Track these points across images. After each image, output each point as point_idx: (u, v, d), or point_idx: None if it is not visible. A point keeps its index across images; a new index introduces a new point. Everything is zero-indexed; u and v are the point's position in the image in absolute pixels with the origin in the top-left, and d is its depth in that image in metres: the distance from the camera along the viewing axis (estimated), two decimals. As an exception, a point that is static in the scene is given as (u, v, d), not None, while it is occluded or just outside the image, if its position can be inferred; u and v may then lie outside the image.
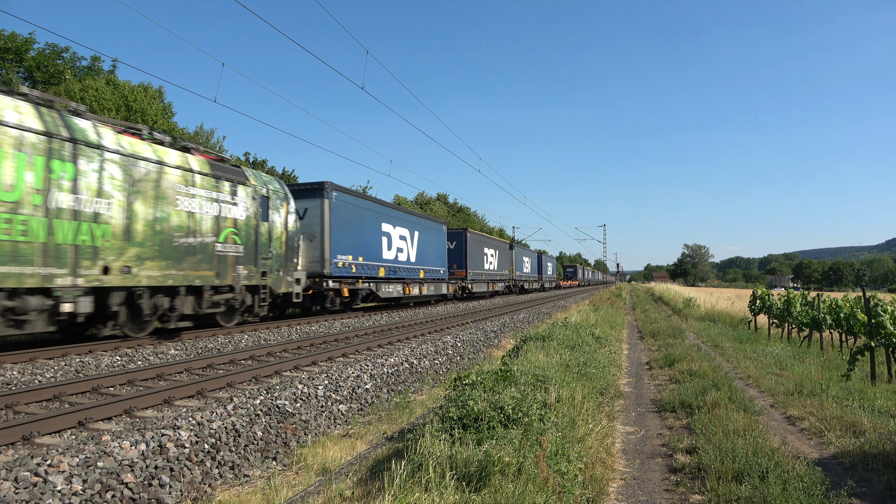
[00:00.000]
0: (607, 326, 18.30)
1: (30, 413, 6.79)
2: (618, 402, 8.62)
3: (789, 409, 8.12)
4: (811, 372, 10.44)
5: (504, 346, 15.56)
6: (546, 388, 6.87)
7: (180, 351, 11.69)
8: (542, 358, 9.18)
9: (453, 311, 24.02)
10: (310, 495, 4.88)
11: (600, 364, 9.80)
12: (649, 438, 6.89)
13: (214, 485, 5.53)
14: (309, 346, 12.64)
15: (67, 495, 4.50)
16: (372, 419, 7.97)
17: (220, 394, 7.96)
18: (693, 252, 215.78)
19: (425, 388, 10.23)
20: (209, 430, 5.97)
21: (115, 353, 10.78)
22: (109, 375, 8.51)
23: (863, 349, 10.09)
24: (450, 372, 11.36)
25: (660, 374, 11.07)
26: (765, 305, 19.65)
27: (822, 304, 15.05)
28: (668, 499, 5.01)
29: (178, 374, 9.33)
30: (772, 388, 9.40)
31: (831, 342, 15.50)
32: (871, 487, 5.21)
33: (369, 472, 5.33)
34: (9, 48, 22.89)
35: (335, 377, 8.72)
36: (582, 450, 5.33)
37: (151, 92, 26.41)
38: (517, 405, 5.45)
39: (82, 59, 26.05)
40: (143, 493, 4.90)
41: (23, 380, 8.54)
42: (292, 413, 7.13)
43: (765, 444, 5.68)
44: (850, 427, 6.86)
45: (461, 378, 6.30)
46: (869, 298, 11.17)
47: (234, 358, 10.58)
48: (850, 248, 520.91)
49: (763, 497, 4.47)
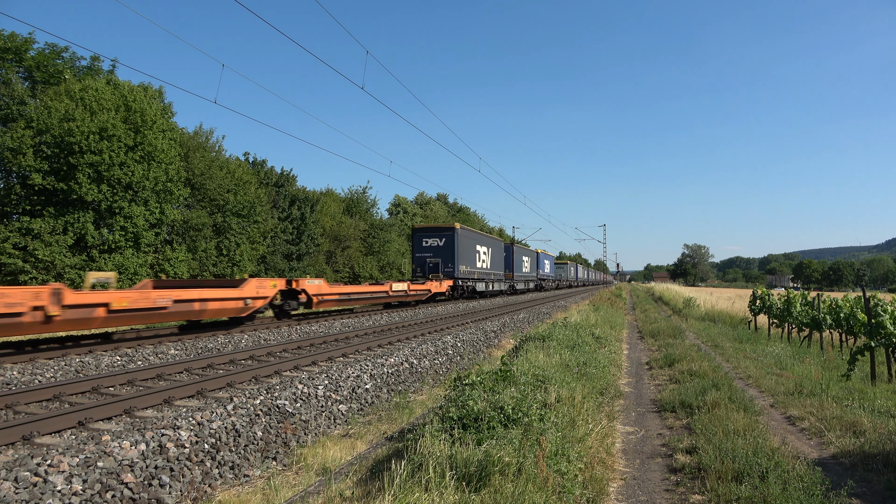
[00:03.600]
0: (607, 326, 18.30)
1: (30, 413, 6.78)
2: (618, 402, 8.61)
3: (789, 409, 8.12)
4: (811, 372, 10.44)
5: (504, 346, 15.55)
6: (546, 388, 6.87)
7: (180, 351, 11.69)
8: (542, 358, 9.18)
9: (453, 311, 24.01)
10: (310, 495, 4.88)
11: (600, 364, 9.80)
12: (649, 438, 6.89)
13: (214, 485, 5.53)
14: (309, 346, 12.63)
15: (67, 495, 4.50)
16: (372, 419, 7.97)
17: (220, 394, 7.96)
18: (693, 252, 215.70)
19: (425, 388, 10.23)
20: (209, 430, 5.97)
21: (115, 353, 10.78)
22: (109, 375, 8.51)
23: (863, 349, 10.09)
24: (450, 372, 11.36)
25: (660, 374, 11.07)
26: (765, 305, 19.64)
27: (822, 304, 15.04)
28: (668, 499, 5.01)
29: (178, 374, 9.33)
30: (772, 388, 9.40)
31: (831, 342, 15.50)
32: (871, 487, 5.21)
33: (369, 472, 5.33)
34: (8, 48, 22.87)
35: (335, 377, 8.72)
36: (582, 450, 5.33)
37: (151, 92, 26.39)
38: (517, 405, 5.45)
39: (82, 60, 26.07)
40: (143, 493, 4.90)
41: (23, 380, 8.54)
42: (292, 413, 7.12)
43: (765, 444, 5.67)
44: (850, 427, 6.86)
45: (461, 378, 6.30)
46: (869, 298, 11.16)
47: (234, 358, 10.58)
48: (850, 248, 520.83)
49: (763, 497, 4.47)
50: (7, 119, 22.03)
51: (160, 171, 23.92)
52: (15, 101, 22.22)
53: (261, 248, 31.75)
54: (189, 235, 27.39)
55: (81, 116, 21.25)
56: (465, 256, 32.65)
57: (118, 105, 23.10)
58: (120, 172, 22.11)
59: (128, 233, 22.92)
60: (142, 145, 23.29)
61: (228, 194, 28.93)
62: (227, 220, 28.80)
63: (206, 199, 28.49)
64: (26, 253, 20.06)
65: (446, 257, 31.24)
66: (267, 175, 36.02)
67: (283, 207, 35.74)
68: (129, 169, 22.53)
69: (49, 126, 20.80)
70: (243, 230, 29.98)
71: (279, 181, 36.84)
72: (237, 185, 29.59)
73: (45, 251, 20.18)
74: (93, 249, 22.18)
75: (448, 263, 31.20)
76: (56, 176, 21.17)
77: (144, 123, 23.49)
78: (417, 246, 31.84)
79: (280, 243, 33.75)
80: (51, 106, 21.23)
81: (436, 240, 31.59)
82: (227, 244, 28.77)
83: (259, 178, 34.10)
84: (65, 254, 20.89)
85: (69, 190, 21.05)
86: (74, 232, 21.28)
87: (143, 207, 23.48)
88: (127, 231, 22.88)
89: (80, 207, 21.65)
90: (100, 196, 21.81)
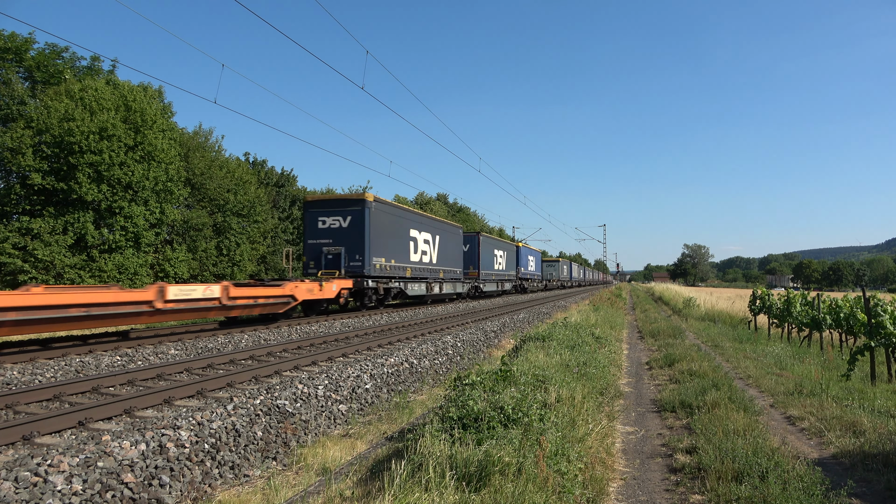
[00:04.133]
0: (607, 326, 18.31)
1: (30, 413, 6.78)
2: (618, 402, 8.61)
3: (789, 409, 8.12)
4: (811, 372, 10.44)
5: (504, 345, 15.56)
6: (546, 388, 6.87)
7: (180, 351, 11.69)
8: (542, 358, 9.18)
9: (453, 311, 24.01)
10: (310, 495, 4.88)
11: (600, 364, 9.79)
12: (649, 438, 6.89)
13: (214, 485, 5.53)
14: (309, 346, 12.64)
15: (67, 495, 4.50)
16: (372, 419, 7.97)
17: (220, 394, 7.96)
18: (693, 252, 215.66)
19: (425, 387, 10.23)
20: (209, 430, 5.97)
21: (115, 353, 10.78)
22: (109, 375, 8.51)
23: (863, 349, 10.09)
24: (450, 372, 11.36)
25: (660, 374, 11.07)
26: (765, 305, 19.64)
27: (822, 304, 15.04)
28: (668, 499, 5.01)
29: (178, 374, 9.33)
30: (772, 388, 9.40)
31: (831, 342, 15.50)
32: (871, 487, 5.21)
33: (369, 472, 5.33)
34: (9, 48, 22.87)
35: (335, 377, 8.72)
36: (582, 450, 5.33)
37: (151, 92, 26.40)
38: (517, 405, 5.45)
39: (82, 60, 26.07)
40: (143, 493, 4.90)
41: (23, 380, 8.54)
42: (292, 413, 7.13)
43: (765, 444, 5.67)
44: (849, 427, 6.86)
45: (461, 378, 6.30)
46: (869, 298, 11.16)
47: (234, 358, 10.58)
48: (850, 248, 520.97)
49: (763, 497, 4.47)
50: (7, 119, 22.04)
51: (160, 170, 23.94)
52: (15, 101, 22.22)
53: (261, 248, 31.76)
54: (189, 235, 27.41)
55: (81, 116, 21.25)
56: (383, 244, 22.36)
57: (118, 105, 23.11)
58: (120, 172, 22.13)
59: (128, 233, 22.94)
60: (142, 145, 23.31)
61: (228, 194, 28.95)
62: (228, 220, 28.82)
63: (206, 198, 28.51)
64: (26, 253, 20.07)
65: (352, 245, 20.83)
66: (267, 175, 36.04)
67: (283, 207, 35.76)
68: (129, 169, 22.54)
69: (49, 126, 20.81)
70: (243, 230, 30.00)
71: (279, 181, 36.86)
72: (237, 184, 29.61)
73: (45, 251, 20.19)
74: (93, 249, 22.19)
75: (356, 254, 20.76)
76: (56, 176, 21.18)
77: (144, 123, 23.51)
78: (311, 228, 21.41)
79: (280, 243, 33.75)
80: (51, 106, 21.23)
81: (337, 219, 21.11)
82: (227, 244, 28.79)
83: (259, 178, 34.10)
84: (64, 254, 20.89)
85: (69, 190, 21.06)
86: (74, 232, 21.29)
87: (143, 207, 23.50)
88: (127, 231, 22.89)
89: (80, 207, 21.66)
90: (100, 196, 21.82)
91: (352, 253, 20.85)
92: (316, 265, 21.03)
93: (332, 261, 20.91)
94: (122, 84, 24.52)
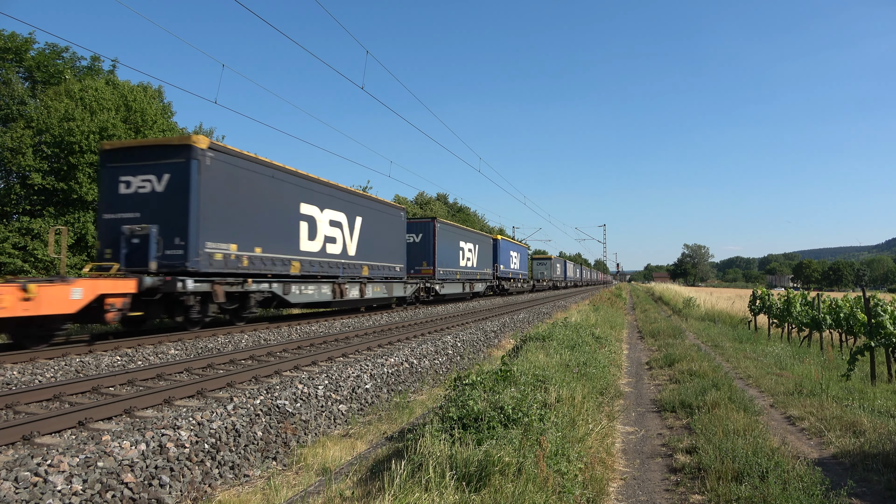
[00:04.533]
0: (607, 326, 18.31)
1: (30, 413, 6.78)
2: (618, 402, 8.61)
3: (789, 409, 8.12)
4: (811, 372, 10.44)
5: (504, 346, 15.56)
6: (546, 388, 6.87)
7: (180, 351, 11.69)
8: (542, 358, 9.18)
9: (453, 312, 24.03)
10: (310, 495, 4.88)
11: (600, 364, 9.80)
12: (649, 438, 6.89)
13: (214, 485, 5.53)
14: (309, 346, 12.64)
15: (67, 495, 4.50)
16: (372, 419, 7.98)
17: (220, 394, 7.96)
18: (693, 252, 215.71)
19: (425, 387, 10.23)
20: (209, 430, 5.97)
21: (115, 353, 10.78)
22: (109, 375, 8.51)
23: (863, 349, 10.09)
24: (450, 372, 11.36)
25: (660, 374, 11.07)
26: (765, 305, 19.65)
27: (822, 304, 15.04)
28: (668, 499, 5.01)
29: (178, 373, 9.33)
30: (772, 388, 9.40)
31: (831, 342, 15.50)
32: (871, 487, 5.21)
33: (369, 472, 5.33)
34: (9, 48, 22.87)
35: (335, 377, 8.72)
36: (582, 450, 5.33)
37: (151, 92, 26.40)
38: (517, 405, 5.45)
39: (82, 60, 26.07)
40: (143, 493, 4.90)
41: (23, 380, 8.54)
42: (292, 413, 7.13)
43: (765, 444, 5.68)
44: (850, 427, 6.86)
45: (461, 378, 6.30)
46: (869, 298, 11.17)
47: (234, 358, 10.58)
48: (850, 248, 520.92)
49: (763, 497, 4.47)
50: (7, 119, 22.04)
51: (160, 170, 23.91)
52: (15, 101, 22.22)
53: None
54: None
55: (81, 116, 21.25)
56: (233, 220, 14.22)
57: (118, 105, 23.10)
58: (120, 172, 22.11)
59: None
60: (142, 145, 23.30)
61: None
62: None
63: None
64: (26, 253, 20.08)
65: (170, 221, 12.97)
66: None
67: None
68: (129, 169, 22.53)
69: (49, 126, 20.80)
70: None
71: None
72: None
73: (45, 251, 20.19)
74: (93, 249, 22.19)
75: (174, 237, 12.94)
76: (56, 176, 21.17)
77: (144, 123, 23.49)
78: (109, 193, 13.57)
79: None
80: (51, 106, 21.23)
81: (148, 178, 13.28)
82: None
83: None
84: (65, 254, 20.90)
85: (69, 190, 21.05)
86: (74, 232, 21.29)
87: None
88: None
89: (80, 207, 21.65)
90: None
91: (169, 234, 12.89)
92: (114, 254, 13.12)
93: (138, 247, 12.92)
94: (122, 84, 24.52)
